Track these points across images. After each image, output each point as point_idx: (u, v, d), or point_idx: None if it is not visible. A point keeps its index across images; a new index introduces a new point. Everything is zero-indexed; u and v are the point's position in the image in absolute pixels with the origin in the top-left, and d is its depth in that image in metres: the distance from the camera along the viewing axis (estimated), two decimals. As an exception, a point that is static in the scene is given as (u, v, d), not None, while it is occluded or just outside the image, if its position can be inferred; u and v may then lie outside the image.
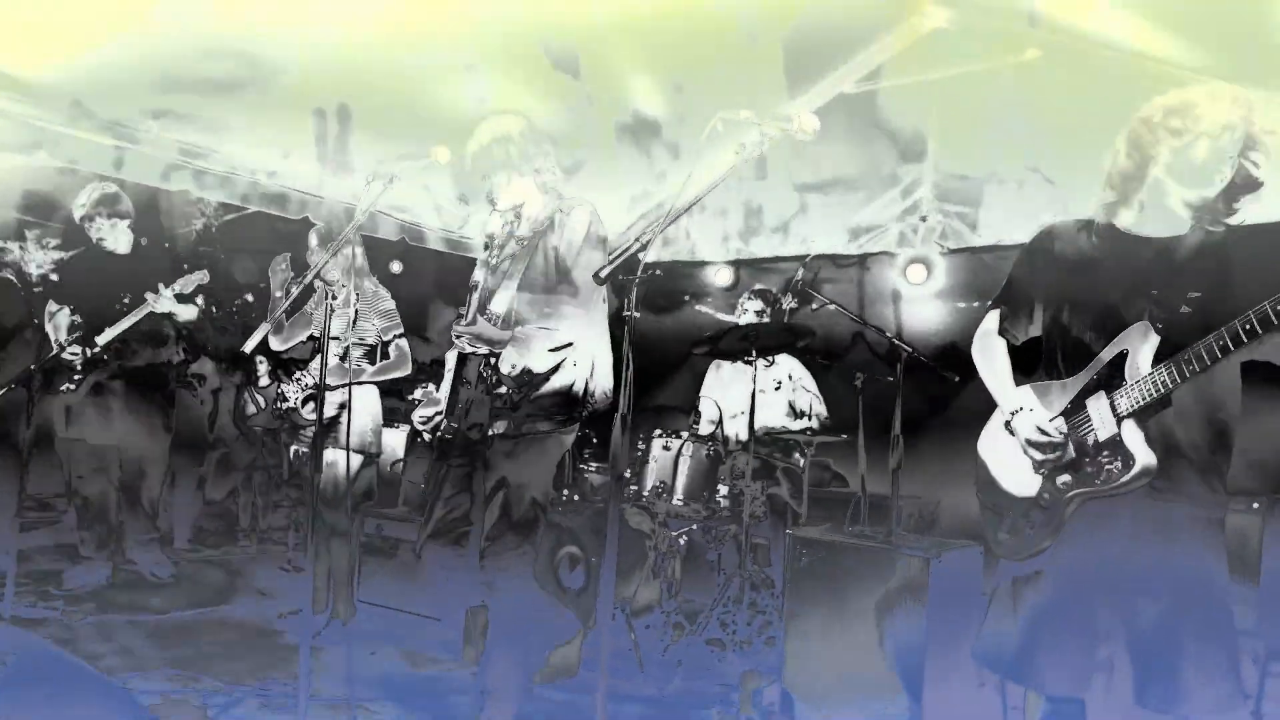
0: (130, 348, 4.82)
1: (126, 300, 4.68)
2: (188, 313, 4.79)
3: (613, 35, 4.60)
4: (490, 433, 3.10)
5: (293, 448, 4.53)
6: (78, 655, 3.76)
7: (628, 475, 4.56)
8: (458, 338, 3.11)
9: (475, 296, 3.26)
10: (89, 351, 4.68)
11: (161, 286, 4.66)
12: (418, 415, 3.28)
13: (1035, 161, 5.05)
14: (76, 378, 4.72)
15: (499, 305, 3.09)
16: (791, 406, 5.19)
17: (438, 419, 3.21)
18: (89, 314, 4.75)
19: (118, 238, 4.89)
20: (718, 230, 6.59)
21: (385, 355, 4.46)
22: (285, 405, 4.43)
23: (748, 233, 6.47)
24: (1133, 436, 2.32)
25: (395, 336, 4.47)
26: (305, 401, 4.35)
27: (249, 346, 3.03)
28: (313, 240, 4.34)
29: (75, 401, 4.81)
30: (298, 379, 4.44)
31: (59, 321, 4.76)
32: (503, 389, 3.07)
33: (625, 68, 4.80)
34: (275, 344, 4.35)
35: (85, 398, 4.81)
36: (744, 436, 4.43)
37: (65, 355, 4.70)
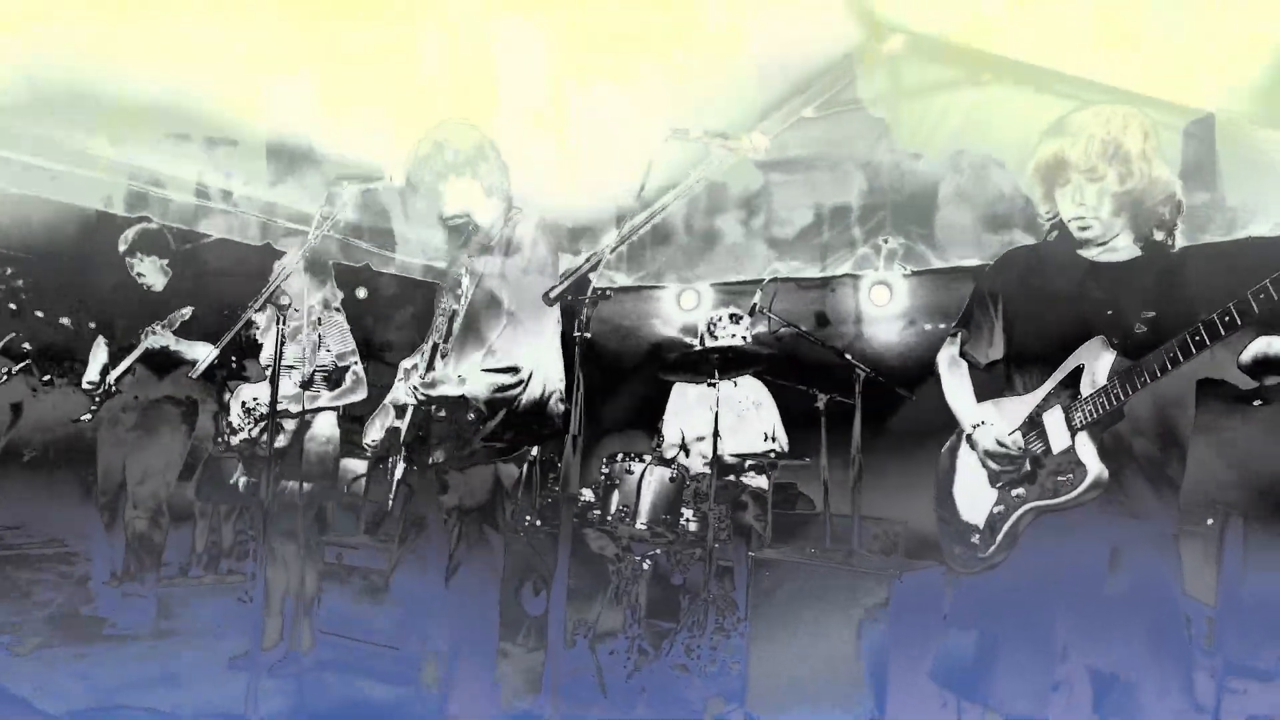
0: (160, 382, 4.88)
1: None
2: (198, 351, 4.76)
3: (576, 50, 4.61)
4: (431, 460, 3.05)
5: (242, 479, 4.44)
6: (19, 688, 3.66)
7: (592, 499, 4.52)
8: (414, 389, 3.03)
9: (432, 341, 3.15)
10: (111, 383, 4.76)
11: (157, 325, 4.74)
12: (368, 440, 3.23)
13: (995, 184, 5.12)
14: (92, 409, 4.80)
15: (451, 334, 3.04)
16: (758, 430, 5.18)
17: (386, 434, 3.13)
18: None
19: (154, 274, 4.96)
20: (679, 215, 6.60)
21: (341, 380, 4.42)
22: (239, 436, 4.35)
23: (712, 212, 6.49)
24: (1086, 449, 2.35)
25: (352, 363, 4.43)
26: (263, 431, 4.28)
27: (198, 371, 2.97)
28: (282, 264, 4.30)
29: (101, 429, 4.87)
30: (250, 408, 4.36)
31: (97, 353, 4.86)
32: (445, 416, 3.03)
33: (587, 84, 4.81)
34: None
35: (107, 429, 4.86)
36: (709, 459, 4.41)
37: (84, 386, 4.82)
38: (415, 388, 3.03)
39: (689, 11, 4.55)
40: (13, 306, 5.90)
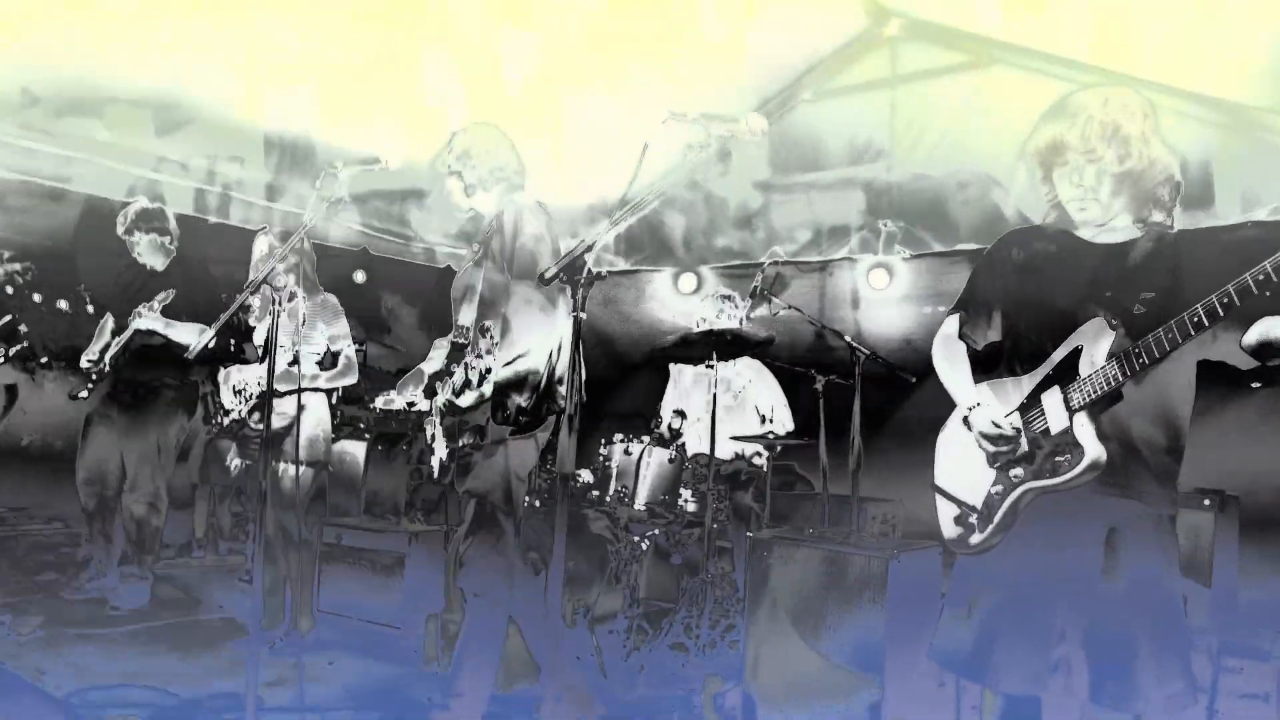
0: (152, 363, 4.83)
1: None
2: (188, 333, 4.68)
3: (573, 53, 4.60)
4: (461, 443, 3.14)
5: (235, 461, 4.45)
6: (20, 669, 3.69)
7: (591, 481, 4.53)
8: (449, 402, 3.13)
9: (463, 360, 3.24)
10: (106, 364, 4.72)
11: (143, 307, 4.68)
12: (400, 398, 3.31)
13: (992, 166, 5.11)
14: (89, 385, 4.77)
15: (465, 318, 3.11)
16: (756, 411, 5.19)
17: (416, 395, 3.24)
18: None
19: (154, 253, 4.89)
20: (679, 228, 6.60)
21: (334, 363, 4.42)
22: (230, 417, 4.35)
23: (711, 230, 6.49)
24: (1084, 430, 2.34)
25: (344, 346, 4.43)
26: (253, 410, 4.28)
27: (193, 352, 2.97)
28: (260, 247, 4.29)
29: (91, 410, 4.84)
30: (240, 389, 4.37)
31: (105, 326, 4.83)
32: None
33: (585, 74, 4.80)
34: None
35: (101, 410, 4.84)
36: (706, 441, 4.42)
37: (82, 364, 4.79)
38: (450, 401, 3.12)
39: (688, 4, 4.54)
40: (9, 290, 5.90)
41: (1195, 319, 2.15)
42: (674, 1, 4.49)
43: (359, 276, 6.60)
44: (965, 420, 2.59)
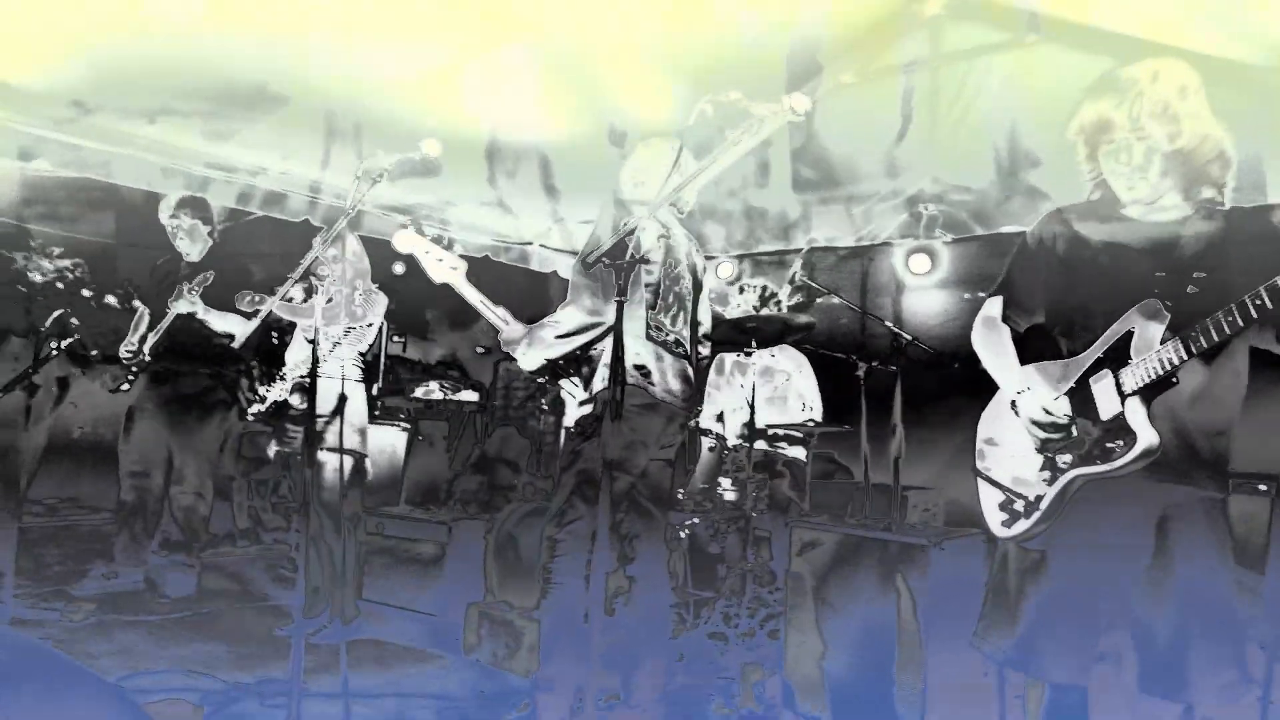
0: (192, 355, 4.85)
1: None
2: (227, 324, 4.65)
3: (609, 30, 4.57)
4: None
5: (273, 449, 4.50)
6: (73, 654, 3.77)
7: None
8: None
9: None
10: (146, 353, 4.73)
11: (184, 287, 4.68)
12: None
13: (1036, 148, 5.01)
14: (130, 378, 4.79)
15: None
16: (799, 400, 5.16)
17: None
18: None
19: (194, 240, 4.91)
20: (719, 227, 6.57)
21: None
22: (266, 404, 4.41)
23: (750, 236, 6.46)
24: (1136, 415, 2.29)
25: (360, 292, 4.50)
26: (294, 391, 4.32)
27: (240, 340, 3.00)
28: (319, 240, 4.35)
29: (134, 402, 4.86)
30: (282, 376, 4.42)
31: (141, 317, 4.88)
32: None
33: (622, 63, 4.76)
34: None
35: (142, 403, 4.85)
36: (746, 430, 4.39)
37: (121, 354, 4.79)
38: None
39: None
40: (59, 286, 6.02)
41: (1258, 301, 2.08)
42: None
43: (398, 268, 6.63)
44: (1013, 405, 2.54)
